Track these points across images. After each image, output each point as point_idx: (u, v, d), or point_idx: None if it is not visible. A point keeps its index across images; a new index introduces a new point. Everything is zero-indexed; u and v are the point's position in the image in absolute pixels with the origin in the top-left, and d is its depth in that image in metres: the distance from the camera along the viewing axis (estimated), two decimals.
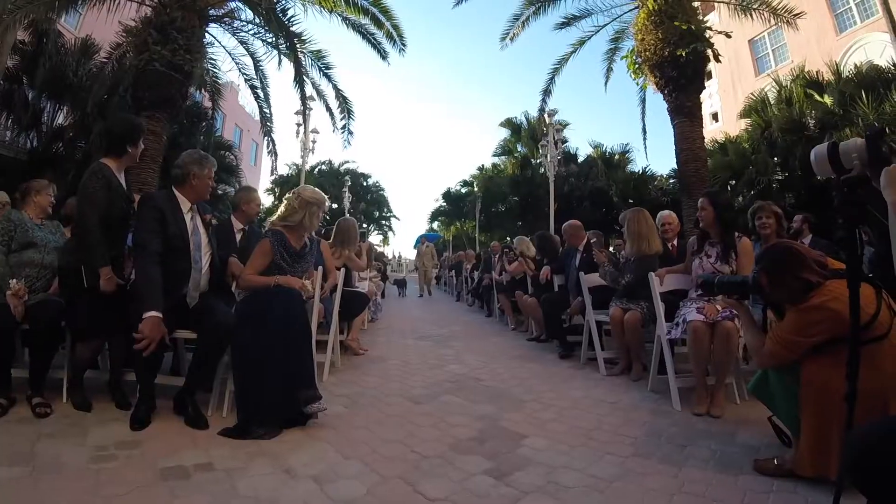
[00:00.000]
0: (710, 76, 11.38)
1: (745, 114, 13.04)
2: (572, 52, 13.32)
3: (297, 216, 3.50)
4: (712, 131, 18.57)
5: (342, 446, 2.76)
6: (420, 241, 18.64)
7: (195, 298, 3.27)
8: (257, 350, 3.03)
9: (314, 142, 15.20)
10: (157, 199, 3.19)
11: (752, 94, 13.63)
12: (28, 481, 2.22)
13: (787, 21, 10.87)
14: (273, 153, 13.74)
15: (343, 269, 4.77)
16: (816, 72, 11.78)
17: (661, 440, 2.97)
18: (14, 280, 3.21)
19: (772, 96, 12.36)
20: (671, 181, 16.53)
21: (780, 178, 11.05)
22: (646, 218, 4.78)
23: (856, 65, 11.29)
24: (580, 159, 21.53)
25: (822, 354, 2.17)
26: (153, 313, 2.83)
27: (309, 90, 12.02)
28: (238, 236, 4.44)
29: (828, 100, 10.47)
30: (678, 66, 9.65)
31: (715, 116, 24.70)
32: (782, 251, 2.37)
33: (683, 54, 9.36)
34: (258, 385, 2.97)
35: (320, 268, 4.08)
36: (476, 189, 26.96)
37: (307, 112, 12.78)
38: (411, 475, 2.41)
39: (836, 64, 11.90)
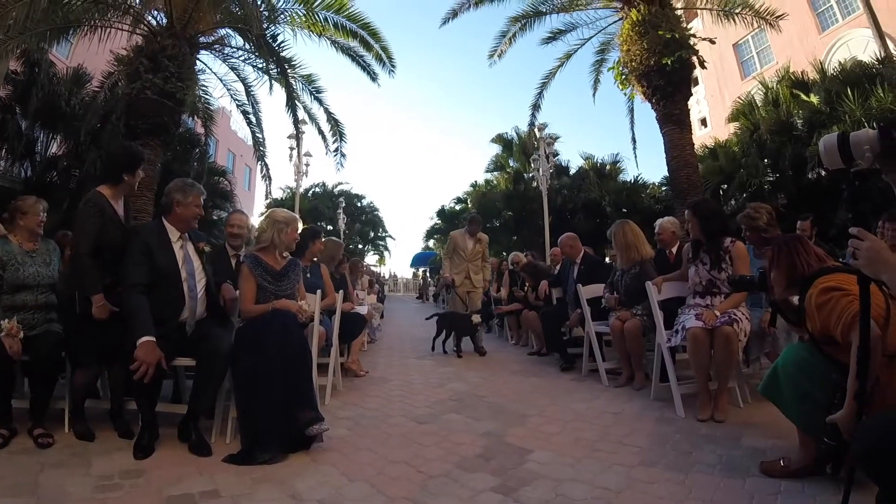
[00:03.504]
0: (696, 82, 11.49)
1: (733, 117, 13.18)
2: (559, 66, 13.51)
3: (266, 235, 3.62)
4: (702, 137, 18.72)
5: (347, 469, 2.75)
6: (471, 227, 7.63)
7: (192, 326, 3.28)
8: (256, 374, 3.03)
9: (307, 165, 15.20)
10: (143, 231, 3.25)
11: (739, 97, 13.80)
12: None
13: (770, 23, 11.03)
14: (267, 177, 13.84)
15: (342, 292, 4.78)
16: (802, 72, 11.94)
17: (667, 448, 2.98)
18: (6, 320, 3.10)
19: (759, 99, 12.51)
20: (664, 189, 16.63)
21: (772, 179, 11.16)
22: (631, 228, 4.89)
23: (840, 62, 11.44)
24: (572, 171, 21.58)
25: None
26: (146, 338, 2.85)
27: (301, 114, 12.18)
28: (234, 261, 4.44)
29: (814, 99, 10.60)
30: (664, 75, 9.74)
31: (703, 122, 24.96)
32: (790, 236, 2.71)
33: (669, 62, 9.45)
34: (259, 409, 2.96)
35: (318, 291, 4.09)
36: (470, 205, 26.89)
37: (300, 136, 12.86)
38: (418, 495, 2.40)
39: (821, 62, 12.05)
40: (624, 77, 10.75)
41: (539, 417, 3.74)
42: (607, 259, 9.42)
